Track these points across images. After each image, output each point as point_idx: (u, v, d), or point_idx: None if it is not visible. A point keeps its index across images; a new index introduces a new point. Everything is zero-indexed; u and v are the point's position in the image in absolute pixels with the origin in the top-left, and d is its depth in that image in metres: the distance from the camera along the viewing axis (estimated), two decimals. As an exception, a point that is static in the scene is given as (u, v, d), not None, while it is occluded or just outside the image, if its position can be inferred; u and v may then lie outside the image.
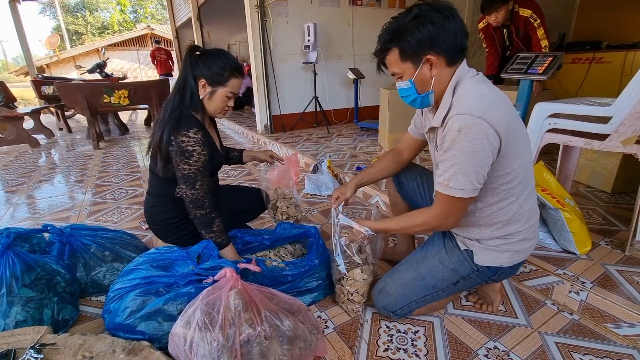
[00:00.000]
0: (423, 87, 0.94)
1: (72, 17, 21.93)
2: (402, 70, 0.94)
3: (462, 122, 0.83)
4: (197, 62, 1.20)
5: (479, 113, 0.82)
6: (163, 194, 1.33)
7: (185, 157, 1.17)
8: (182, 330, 0.87)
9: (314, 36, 3.78)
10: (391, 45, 0.92)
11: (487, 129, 0.82)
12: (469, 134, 0.82)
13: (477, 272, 1.05)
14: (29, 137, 4.21)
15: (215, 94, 1.23)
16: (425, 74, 0.92)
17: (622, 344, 1.07)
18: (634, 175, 1.96)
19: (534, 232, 1.02)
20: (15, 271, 1.08)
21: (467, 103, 0.85)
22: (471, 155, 0.83)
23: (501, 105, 0.87)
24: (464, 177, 0.85)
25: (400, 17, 0.91)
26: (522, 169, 0.92)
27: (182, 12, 8.13)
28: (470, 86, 0.89)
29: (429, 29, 0.86)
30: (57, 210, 2.21)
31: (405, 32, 0.88)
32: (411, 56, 0.91)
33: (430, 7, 0.88)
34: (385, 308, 1.13)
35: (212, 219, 1.23)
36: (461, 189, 0.87)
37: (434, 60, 0.90)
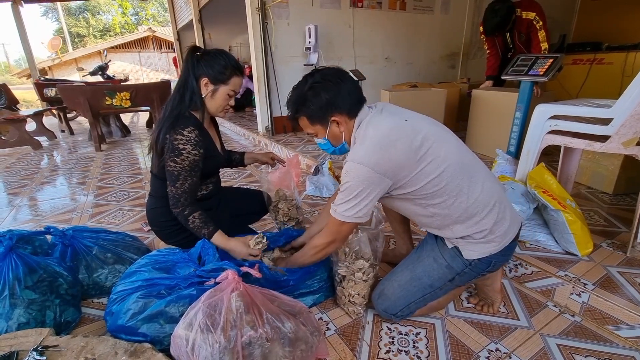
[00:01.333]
0: (337, 140, 1.10)
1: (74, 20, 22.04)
2: (314, 130, 1.10)
3: (347, 167, 0.99)
4: (199, 62, 1.22)
5: (359, 160, 0.96)
6: (164, 195, 1.33)
7: (174, 154, 1.18)
8: (184, 332, 0.87)
9: (315, 38, 3.79)
10: (299, 113, 1.08)
11: (366, 172, 0.95)
12: (351, 177, 0.98)
13: (470, 267, 1.05)
14: (31, 139, 4.22)
15: (217, 92, 1.25)
16: (335, 130, 1.07)
17: (624, 346, 1.07)
18: (635, 177, 1.95)
19: (502, 210, 1.02)
20: (18, 273, 1.08)
21: (354, 151, 1.01)
22: (353, 194, 0.98)
23: (385, 143, 0.96)
24: (347, 207, 1.00)
25: (299, 87, 1.07)
26: (448, 168, 0.97)
27: (183, 15, 8.16)
28: (361, 132, 1.03)
29: (325, 96, 1.02)
30: (59, 212, 2.22)
31: (306, 101, 1.04)
32: (318, 120, 1.06)
33: (321, 76, 1.03)
34: (385, 311, 1.13)
35: (186, 216, 1.24)
36: (344, 215, 1.01)
37: (338, 119, 1.05)
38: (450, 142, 1.02)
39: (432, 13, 4.72)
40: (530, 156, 1.68)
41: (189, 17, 7.43)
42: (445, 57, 5.11)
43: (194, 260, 1.18)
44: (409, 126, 0.99)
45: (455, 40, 5.11)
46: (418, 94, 3.21)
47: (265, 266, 1.18)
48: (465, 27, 5.06)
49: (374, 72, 4.50)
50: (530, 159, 1.67)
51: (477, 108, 2.81)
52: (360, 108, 1.06)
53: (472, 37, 5.13)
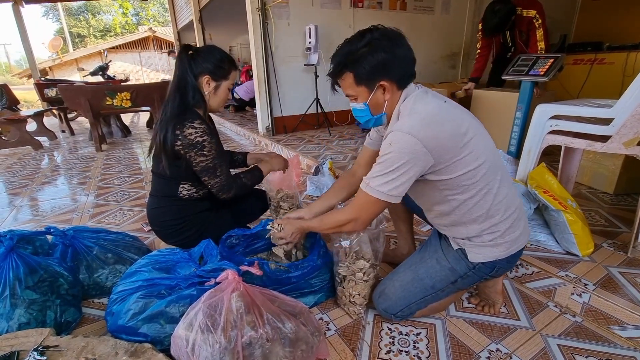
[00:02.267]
0: (377, 109, 1.02)
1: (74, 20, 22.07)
2: (356, 93, 1.00)
3: (392, 137, 0.92)
4: (195, 60, 1.22)
5: (407, 130, 0.89)
6: (166, 194, 1.34)
7: (198, 149, 1.20)
8: (185, 333, 0.87)
9: (315, 38, 3.79)
10: (346, 70, 0.97)
11: (413, 144, 0.88)
12: (395, 148, 0.90)
13: (473, 270, 1.05)
14: (31, 140, 4.23)
15: (219, 88, 1.28)
16: (379, 97, 0.99)
17: (625, 346, 1.06)
18: (636, 177, 1.95)
19: (518, 218, 1.02)
20: (19, 273, 1.08)
21: (401, 121, 0.94)
22: (394, 165, 0.91)
23: (435, 120, 0.91)
24: (383, 181, 0.93)
25: (354, 42, 0.95)
26: (485, 164, 0.94)
27: (184, 15, 8.17)
28: (408, 104, 0.96)
29: (382, 56, 0.92)
30: (59, 213, 2.22)
31: (359, 57, 0.94)
32: (365, 81, 0.97)
33: (381, 35, 0.93)
34: (386, 311, 1.13)
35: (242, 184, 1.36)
36: (378, 191, 0.94)
37: (386, 86, 0.96)
38: (488, 139, 1.00)
39: (433, 13, 4.72)
40: (530, 156, 1.67)
41: (190, 17, 7.44)
42: (445, 57, 5.11)
43: (195, 260, 1.18)
44: (455, 112, 0.96)
45: (456, 40, 5.11)
46: (418, 94, 3.20)
47: (266, 264, 1.19)
48: (466, 27, 5.05)
49: (374, 72, 4.50)
50: (531, 159, 1.67)
51: (477, 108, 2.80)
52: (410, 81, 1.00)
53: (472, 37, 5.12)
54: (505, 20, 2.63)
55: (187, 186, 1.33)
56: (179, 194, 1.32)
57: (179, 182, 1.31)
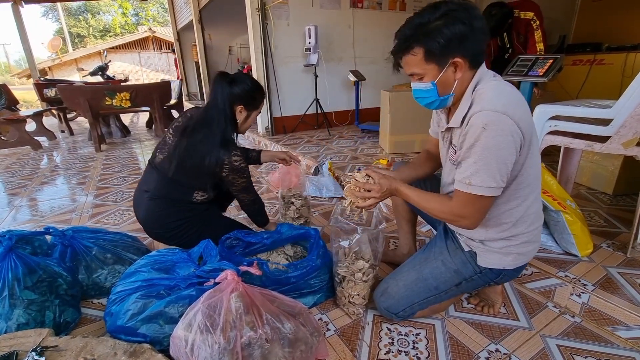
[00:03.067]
0: (445, 89, 0.91)
1: (74, 20, 22.06)
2: (424, 71, 0.89)
3: (486, 118, 0.81)
4: (232, 89, 1.31)
5: (502, 109, 0.80)
6: (180, 199, 1.36)
7: (240, 173, 1.35)
8: (184, 333, 0.87)
9: (315, 38, 3.79)
10: (415, 45, 0.86)
11: (511, 125, 0.80)
12: (493, 130, 0.80)
13: (480, 274, 1.04)
14: (31, 140, 4.22)
15: (250, 117, 1.39)
16: (449, 76, 0.89)
17: (624, 347, 1.06)
18: (635, 177, 1.95)
19: (537, 234, 1.02)
20: (18, 273, 1.08)
21: (489, 100, 0.83)
22: (495, 151, 0.81)
23: (522, 104, 0.85)
24: (487, 174, 0.82)
25: (425, 14, 0.85)
26: (532, 171, 0.92)
27: (183, 15, 8.18)
28: (490, 84, 0.87)
29: (460, 29, 0.82)
30: (58, 213, 2.22)
31: (432, 30, 0.83)
32: (437, 58, 0.86)
33: (458, 6, 0.83)
34: (387, 310, 1.13)
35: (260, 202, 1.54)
36: (484, 187, 0.84)
37: (460, 63, 0.86)
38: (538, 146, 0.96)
39: (432, 14, 4.72)
40: (530, 157, 1.67)
41: (189, 17, 7.45)
42: (445, 57, 5.11)
43: (194, 261, 1.18)
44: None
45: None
46: (418, 94, 3.21)
47: (265, 264, 1.18)
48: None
49: (374, 73, 4.51)
50: (530, 159, 1.67)
51: (477, 108, 2.80)
52: (483, 61, 0.90)
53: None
54: (501, 24, 2.65)
55: (201, 193, 1.39)
56: (193, 199, 1.38)
57: (194, 189, 1.37)
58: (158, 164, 1.36)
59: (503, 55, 2.97)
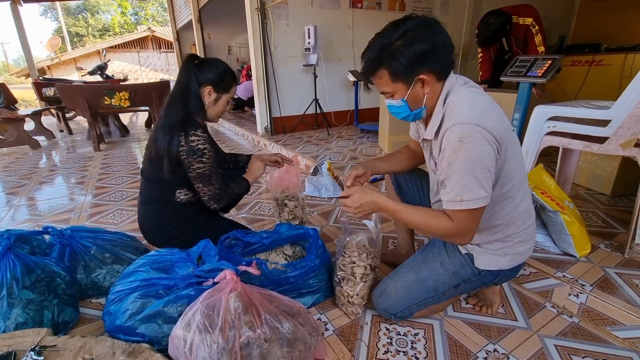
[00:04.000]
0: (416, 104, 0.94)
1: (73, 19, 22.01)
2: (393, 89, 0.93)
3: (461, 132, 0.83)
4: (200, 70, 1.26)
5: (475, 121, 0.82)
6: (162, 199, 1.35)
7: (197, 155, 1.22)
8: (182, 333, 0.87)
9: (314, 38, 3.79)
10: (380, 67, 0.90)
11: (486, 135, 0.82)
12: (471, 142, 0.82)
13: (478, 276, 1.05)
14: (29, 139, 4.21)
15: (219, 100, 1.32)
16: (418, 92, 0.92)
17: (621, 347, 1.07)
18: (633, 178, 1.96)
19: (531, 233, 1.03)
20: (16, 273, 1.08)
21: (461, 113, 0.85)
22: (479, 162, 0.82)
23: (493, 111, 0.88)
24: (477, 186, 0.84)
25: (386, 35, 0.87)
26: (515, 172, 0.93)
27: (182, 14, 8.16)
28: (460, 95, 0.89)
29: (420, 47, 0.84)
30: (57, 212, 2.21)
31: (394, 51, 0.86)
32: (402, 77, 0.89)
33: (417, 23, 0.86)
34: (386, 310, 1.13)
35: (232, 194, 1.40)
36: (476, 199, 0.84)
37: (426, 79, 0.89)
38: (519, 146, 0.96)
39: (432, 14, 4.73)
40: (528, 157, 1.68)
41: (189, 17, 7.43)
42: (444, 58, 5.12)
43: (193, 261, 1.18)
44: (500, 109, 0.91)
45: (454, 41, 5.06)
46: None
47: (264, 264, 1.18)
48: (465, 28, 5.06)
49: (373, 73, 4.50)
50: (529, 160, 1.68)
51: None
52: (450, 71, 0.92)
53: (471, 38, 5.13)
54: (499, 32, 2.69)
55: (184, 191, 1.36)
56: (177, 199, 1.35)
57: (175, 188, 1.34)
58: (143, 166, 1.37)
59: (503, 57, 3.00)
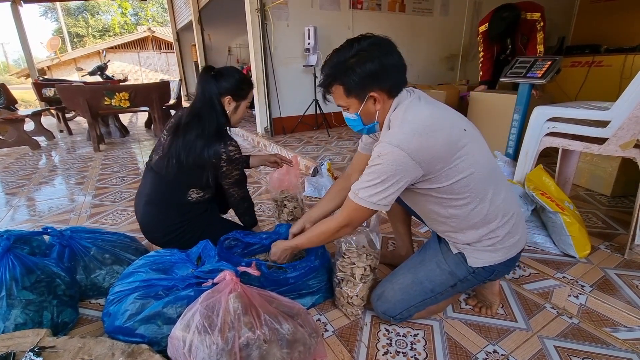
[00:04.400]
0: (369, 119, 1.02)
1: (73, 20, 22.02)
2: (347, 104, 0.99)
3: (381, 149, 0.91)
4: (218, 81, 1.30)
5: (396, 142, 0.89)
6: (172, 199, 1.36)
7: (235, 164, 1.34)
8: (182, 334, 0.87)
9: (314, 39, 3.80)
10: (335, 82, 0.97)
11: (402, 157, 0.88)
12: (383, 160, 0.90)
13: (473, 274, 1.05)
14: (29, 139, 4.21)
15: (239, 108, 1.38)
16: (370, 108, 0.98)
17: (621, 348, 1.07)
18: (633, 179, 1.96)
19: (516, 225, 1.02)
20: (15, 274, 1.08)
21: (392, 132, 0.92)
22: (382, 177, 0.91)
23: (426, 130, 0.90)
24: (372, 192, 0.93)
25: (342, 52, 0.94)
26: (479, 170, 0.94)
27: (183, 15, 8.18)
28: (399, 114, 0.95)
29: (370, 67, 0.91)
30: (57, 213, 2.21)
31: (348, 69, 0.92)
32: (355, 93, 0.96)
33: (370, 43, 0.92)
34: (384, 313, 1.13)
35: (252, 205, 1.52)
36: (367, 201, 0.94)
37: (377, 96, 0.95)
38: (482, 144, 0.98)
39: (431, 15, 4.73)
40: (528, 158, 1.68)
41: (189, 17, 7.44)
42: (444, 59, 5.13)
43: (192, 261, 1.18)
44: (448, 118, 0.95)
45: (454, 42, 5.12)
46: (417, 95, 3.21)
47: (264, 264, 1.18)
48: (465, 29, 5.07)
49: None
50: (529, 161, 1.68)
51: (475, 110, 2.81)
52: (401, 89, 0.98)
53: (471, 39, 5.14)
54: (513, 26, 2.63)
55: (197, 190, 1.38)
56: (188, 198, 1.37)
57: (189, 188, 1.36)
58: (154, 164, 1.37)
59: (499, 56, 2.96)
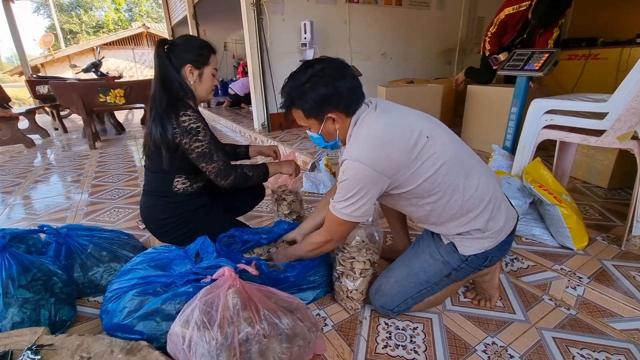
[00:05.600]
0: (330, 137, 1.06)
1: (66, 16, 21.74)
2: (308, 124, 1.04)
3: (344, 166, 0.96)
4: (172, 53, 1.23)
5: (355, 157, 0.93)
6: (161, 191, 1.33)
7: (192, 134, 1.20)
8: (181, 330, 0.86)
9: (311, 34, 3.77)
10: (293, 106, 1.02)
11: (364, 169, 0.92)
12: (348, 175, 0.94)
13: (466, 262, 1.05)
14: (24, 137, 4.17)
15: (203, 75, 1.28)
16: (330, 127, 1.03)
17: (618, 338, 1.08)
18: (629, 171, 1.96)
19: (496, 207, 1.01)
20: (12, 272, 1.07)
21: (350, 148, 0.97)
22: (351, 192, 0.95)
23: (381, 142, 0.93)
24: (345, 205, 0.97)
25: (297, 77, 0.99)
26: (444, 165, 0.95)
27: (177, 11, 8.08)
28: (355, 129, 1.00)
29: (323, 92, 0.95)
30: (53, 211, 2.20)
31: (302, 94, 0.97)
32: (313, 115, 1.01)
33: (322, 68, 0.96)
34: (382, 307, 1.13)
35: (242, 173, 1.33)
36: (343, 213, 0.99)
37: (334, 116, 0.99)
38: (445, 138, 1.00)
39: (428, 9, 4.71)
40: (526, 151, 1.68)
41: (184, 13, 7.36)
42: (441, 53, 5.11)
43: (190, 258, 1.17)
44: (403, 124, 0.97)
45: (452, 36, 5.10)
46: (414, 89, 3.21)
47: (263, 263, 1.18)
48: (462, 23, 5.05)
49: (370, 68, 4.49)
50: (526, 153, 1.68)
51: (472, 103, 2.81)
52: (359, 107, 1.02)
53: (468, 33, 5.12)
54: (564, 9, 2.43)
55: (182, 179, 1.32)
56: (174, 189, 1.32)
57: (174, 176, 1.30)
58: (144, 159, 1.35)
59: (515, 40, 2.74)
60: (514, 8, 2.56)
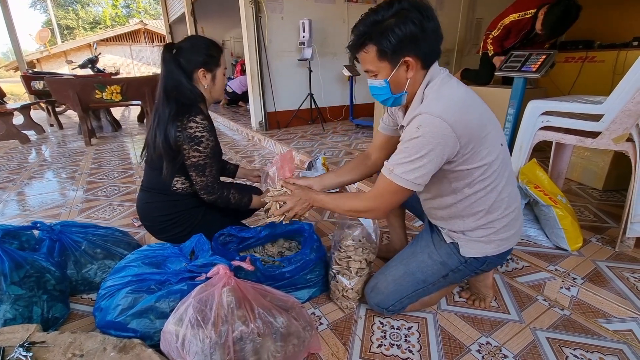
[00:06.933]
0: (398, 87, 0.94)
1: (63, 12, 21.56)
2: (377, 68, 0.92)
3: (420, 120, 0.86)
4: (182, 57, 1.21)
5: (438, 113, 0.84)
6: (160, 188, 1.32)
7: (194, 143, 1.18)
8: (174, 328, 0.86)
9: (309, 33, 3.76)
10: (369, 42, 0.89)
11: (444, 128, 0.84)
12: (424, 131, 0.85)
13: (464, 264, 1.05)
14: (18, 133, 4.13)
15: (216, 77, 1.28)
16: (401, 75, 0.91)
17: (612, 339, 1.08)
18: (624, 173, 1.98)
19: (515, 219, 1.02)
20: (4, 268, 1.06)
21: (428, 103, 0.88)
22: (422, 151, 0.86)
23: (464, 105, 0.88)
24: (410, 168, 0.88)
25: (380, 11, 0.87)
26: (497, 160, 0.93)
27: (175, 7, 8.03)
28: (436, 87, 0.90)
29: (411, 29, 0.84)
30: (47, 208, 2.18)
31: (385, 29, 0.85)
32: (389, 56, 0.88)
33: (411, 5, 0.85)
34: (378, 305, 1.13)
35: (226, 197, 1.32)
36: (403, 178, 0.89)
37: (411, 63, 0.89)
38: (502, 134, 0.97)
39: (427, 9, 4.71)
40: (522, 152, 1.69)
41: (181, 10, 7.32)
42: (439, 53, 5.12)
43: (185, 255, 1.17)
44: (479, 101, 0.93)
45: (450, 36, 5.10)
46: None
47: (259, 260, 1.18)
48: (460, 23, 5.06)
49: (368, 68, 4.49)
50: (523, 154, 1.68)
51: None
52: (436, 60, 0.92)
53: (466, 33, 5.13)
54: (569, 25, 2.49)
55: (182, 180, 1.32)
56: (173, 187, 1.31)
57: (173, 176, 1.30)
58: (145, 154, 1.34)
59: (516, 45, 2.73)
60: (519, 15, 2.55)
